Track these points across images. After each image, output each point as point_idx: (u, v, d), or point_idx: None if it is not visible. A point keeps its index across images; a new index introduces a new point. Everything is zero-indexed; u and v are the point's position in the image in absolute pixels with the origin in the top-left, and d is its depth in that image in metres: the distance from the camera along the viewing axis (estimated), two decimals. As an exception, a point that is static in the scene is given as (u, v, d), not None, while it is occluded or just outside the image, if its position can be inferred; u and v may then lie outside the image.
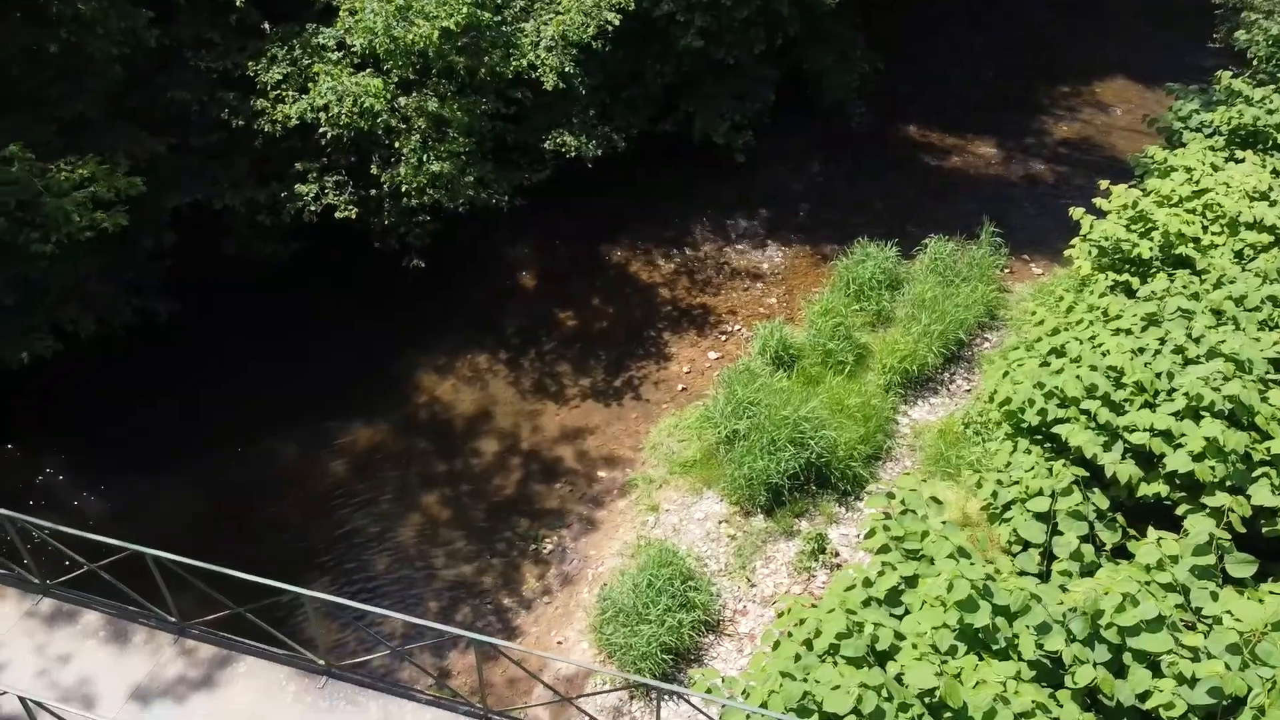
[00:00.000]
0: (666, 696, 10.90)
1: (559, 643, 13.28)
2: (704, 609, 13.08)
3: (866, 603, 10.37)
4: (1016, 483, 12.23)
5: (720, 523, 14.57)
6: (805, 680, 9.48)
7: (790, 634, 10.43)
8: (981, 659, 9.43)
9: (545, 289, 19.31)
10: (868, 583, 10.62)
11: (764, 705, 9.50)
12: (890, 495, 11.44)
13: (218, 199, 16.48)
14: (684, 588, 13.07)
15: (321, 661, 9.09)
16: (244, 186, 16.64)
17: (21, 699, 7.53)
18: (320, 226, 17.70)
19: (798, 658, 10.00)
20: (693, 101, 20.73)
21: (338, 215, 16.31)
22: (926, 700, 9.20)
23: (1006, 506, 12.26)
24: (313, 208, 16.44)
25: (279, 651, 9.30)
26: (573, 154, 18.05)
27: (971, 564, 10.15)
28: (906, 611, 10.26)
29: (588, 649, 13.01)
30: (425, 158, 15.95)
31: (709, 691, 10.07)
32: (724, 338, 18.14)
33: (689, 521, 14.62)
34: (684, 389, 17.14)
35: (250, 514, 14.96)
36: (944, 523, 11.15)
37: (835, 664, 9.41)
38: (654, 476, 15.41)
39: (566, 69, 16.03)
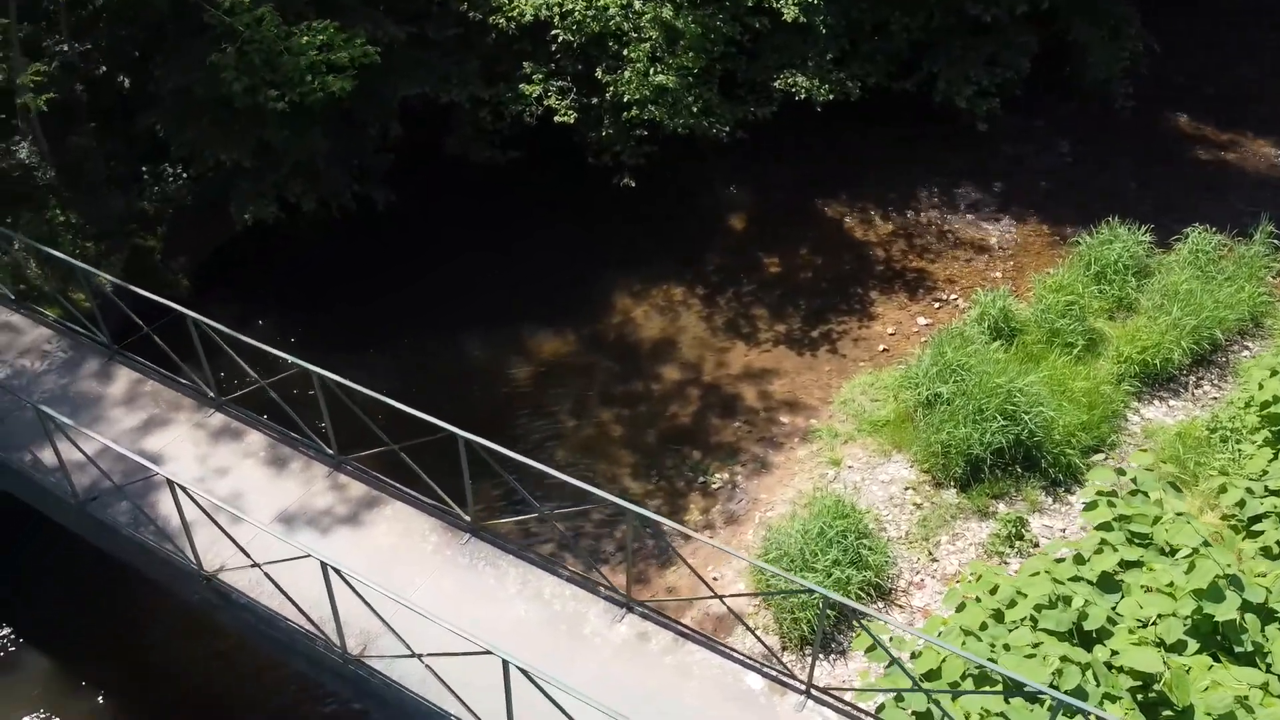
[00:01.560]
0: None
1: (714, 579, 12.42)
2: (876, 572, 11.86)
3: (1075, 580, 8.92)
4: (1276, 493, 10.37)
5: (906, 489, 13.26)
6: (992, 647, 8.20)
7: (979, 599, 9.15)
8: (1218, 661, 7.83)
9: (753, 232, 18.44)
10: (1080, 559, 9.17)
11: (937, 670, 8.30)
12: (1120, 471, 9.87)
13: (445, 92, 16.58)
14: (858, 544, 11.90)
15: (468, 518, 8.64)
16: (473, 83, 16.66)
17: (172, 484, 7.40)
18: (537, 138, 17.60)
19: (984, 626, 8.74)
20: (938, 61, 19.19)
21: (557, 119, 16.05)
22: (1140, 696, 7.71)
23: (1257, 519, 10.43)
24: (534, 109, 16.23)
25: (427, 501, 8.93)
26: (802, 95, 17.12)
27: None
28: (1122, 597, 8.75)
29: (744, 590, 12.10)
30: (652, 69, 15.42)
31: (872, 648, 8.93)
32: (937, 305, 16.68)
33: (872, 482, 13.40)
34: (885, 350, 15.85)
35: (428, 401, 14.90)
36: (1179, 514, 9.51)
37: (1033, 630, 8.08)
38: (840, 431, 14.26)
39: (812, -1, 15.06)
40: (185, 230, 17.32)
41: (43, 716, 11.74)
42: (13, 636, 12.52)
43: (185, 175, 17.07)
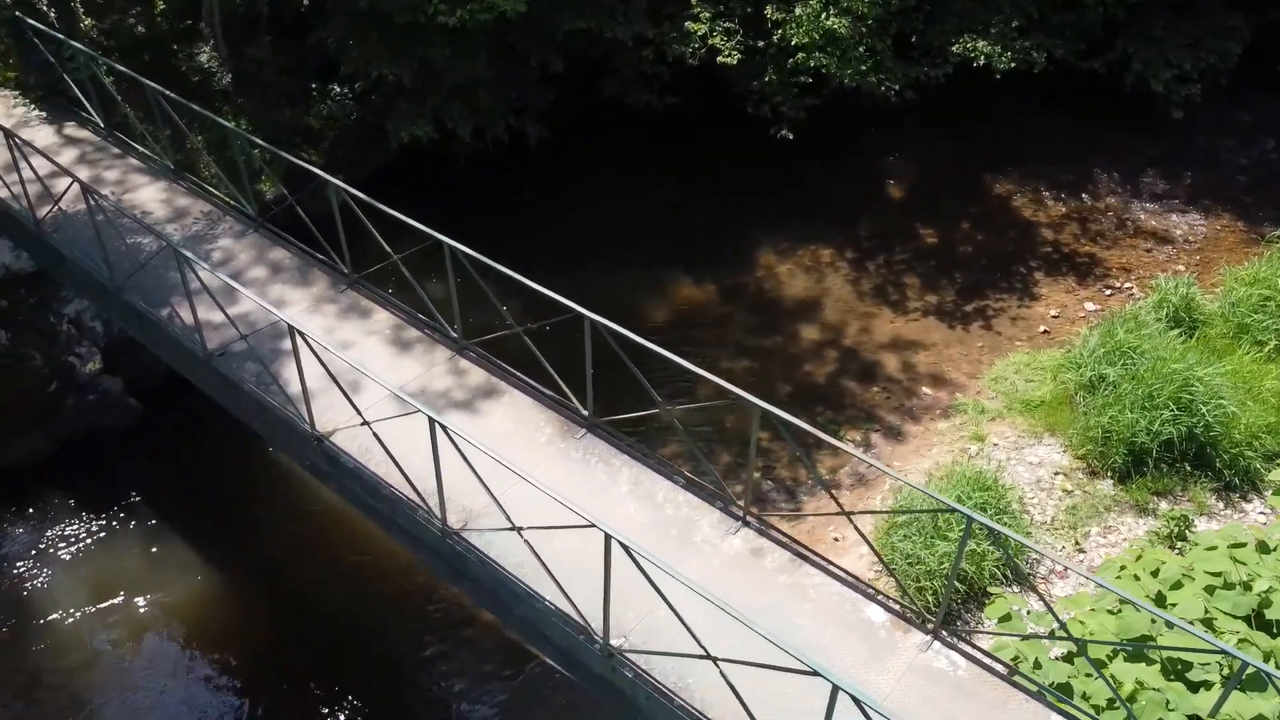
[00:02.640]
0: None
1: (835, 539, 11.67)
2: (1015, 553, 10.86)
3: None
4: None
5: (1056, 474, 12.15)
6: (1153, 622, 7.23)
7: (1137, 578, 8.14)
8: None
9: (911, 202, 17.49)
10: (1265, 548, 8.03)
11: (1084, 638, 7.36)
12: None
13: (610, 29, 16.27)
14: (997, 520, 10.92)
15: (586, 413, 8.23)
16: (638, 21, 16.29)
17: (293, 330, 7.25)
18: (694, 85, 17.14)
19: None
20: (1135, 41, 17.70)
21: (720, 60, 15.53)
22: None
23: None
24: (698, 49, 15.76)
25: (545, 393, 8.56)
26: (981, 61, 16.06)
27: None
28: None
29: (867, 554, 11.29)
30: (825, 12, 14.71)
31: (1006, 618, 8.03)
32: (1108, 293, 15.35)
33: (1019, 463, 12.34)
34: (1045, 331, 14.67)
35: (555, 336, 14.69)
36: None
37: (1205, 609, 7.07)
38: (988, 407, 13.23)
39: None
40: (344, 149, 17.61)
41: (148, 569, 12.12)
42: (137, 491, 13.00)
43: (350, 95, 17.38)
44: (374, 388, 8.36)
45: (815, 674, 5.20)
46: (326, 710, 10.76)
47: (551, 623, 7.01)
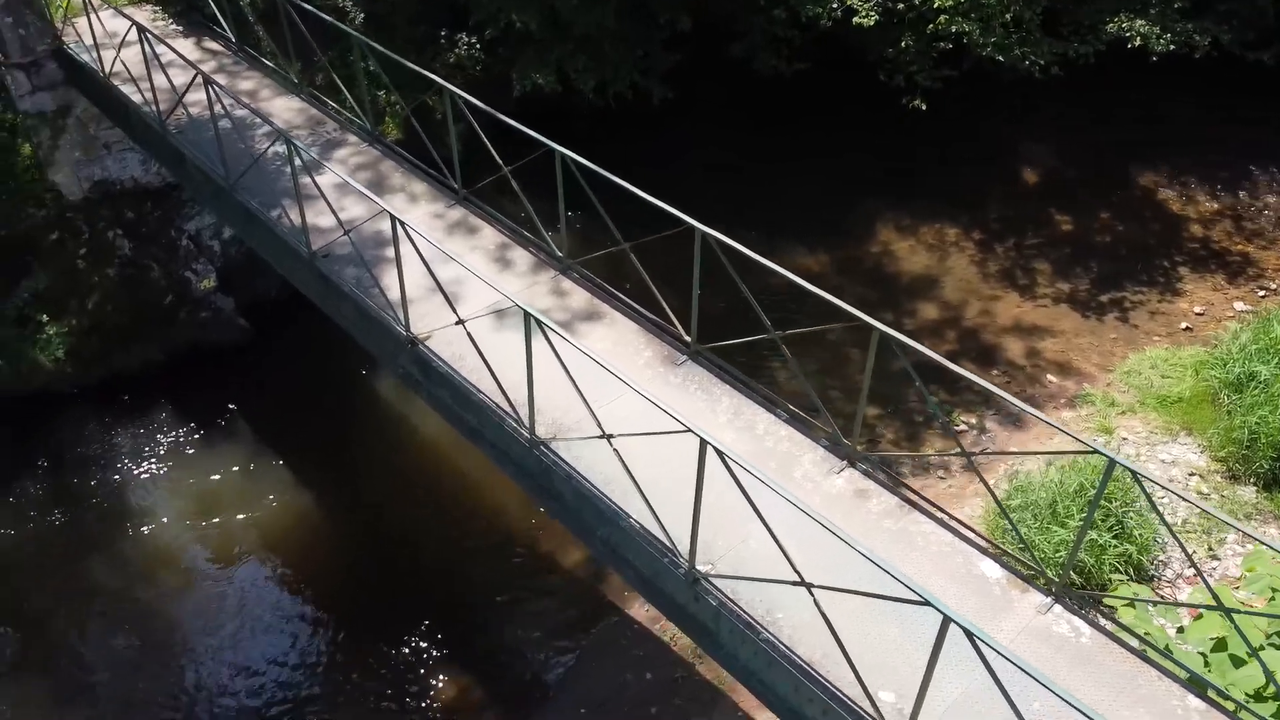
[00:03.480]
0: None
1: (948, 486, 11.00)
2: (1140, 549, 9.97)
3: None
4: None
5: (1191, 474, 11.17)
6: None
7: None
8: None
9: (1045, 187, 16.50)
10: None
11: (1221, 641, 6.56)
12: None
13: (743, -16, 15.82)
14: (1123, 512, 10.06)
15: (689, 338, 7.78)
16: (772, -22, 15.78)
17: (394, 219, 7.04)
18: (825, 53, 16.52)
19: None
20: (1314, 33, 16.33)
21: (856, 20, 14.86)
22: None
23: None
24: (835, 7, 15.14)
25: (648, 317, 8.17)
26: (1137, 42, 14.97)
27: None
28: None
29: (979, 514, 10.59)
30: (972, -26, 13.93)
31: (1129, 605, 7.25)
32: (1261, 294, 14.16)
33: (1150, 460, 11.40)
34: (1187, 328, 13.59)
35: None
36: None
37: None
38: (1119, 401, 12.28)
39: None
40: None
41: (245, 485, 12.23)
42: (240, 409, 13.18)
43: (477, 44, 17.35)
44: (472, 299, 8.13)
45: (925, 603, 4.65)
46: (402, 645, 10.60)
47: (635, 544, 6.60)
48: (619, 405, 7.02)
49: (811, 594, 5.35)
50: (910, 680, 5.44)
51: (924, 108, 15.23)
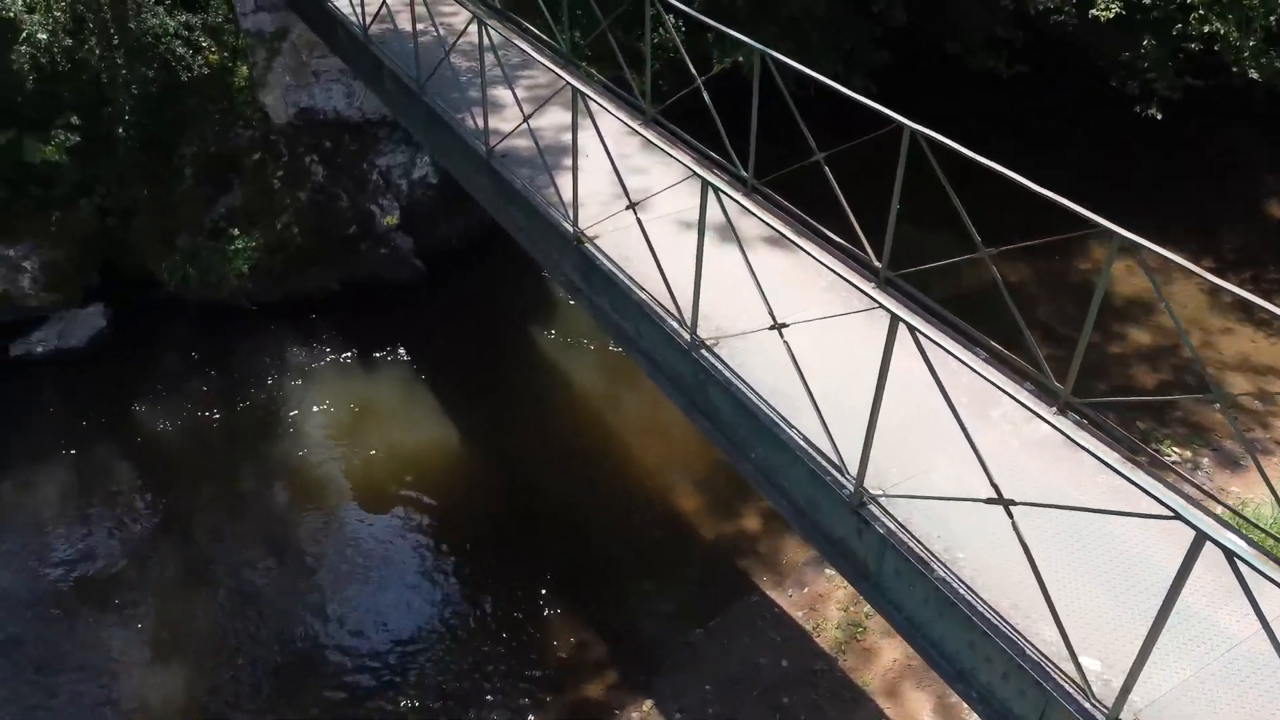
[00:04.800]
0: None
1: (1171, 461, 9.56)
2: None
3: None
4: None
5: None
6: None
7: None
8: None
9: (1293, 221, 14.65)
10: None
11: None
12: None
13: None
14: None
15: (880, 264, 6.99)
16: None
17: (576, 94, 6.56)
18: (1049, 54, 15.36)
19: None
20: None
21: (1093, 13, 13.66)
22: None
23: None
24: (1069, 5, 14.01)
25: (835, 242, 7.37)
26: None
27: None
28: None
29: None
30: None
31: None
32: None
33: None
34: None
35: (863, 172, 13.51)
36: None
37: None
38: (1369, 453, 10.47)
39: None
40: (665, 81, 17.38)
41: (401, 421, 12.10)
42: (405, 347, 13.16)
43: (681, 24, 17.11)
44: (659, 208, 7.60)
45: (1175, 516, 3.65)
46: (528, 598, 10.04)
47: (793, 469, 5.80)
48: (803, 330, 6.31)
49: (1010, 514, 4.40)
50: (1121, 650, 4.41)
51: (1159, 118, 13.82)
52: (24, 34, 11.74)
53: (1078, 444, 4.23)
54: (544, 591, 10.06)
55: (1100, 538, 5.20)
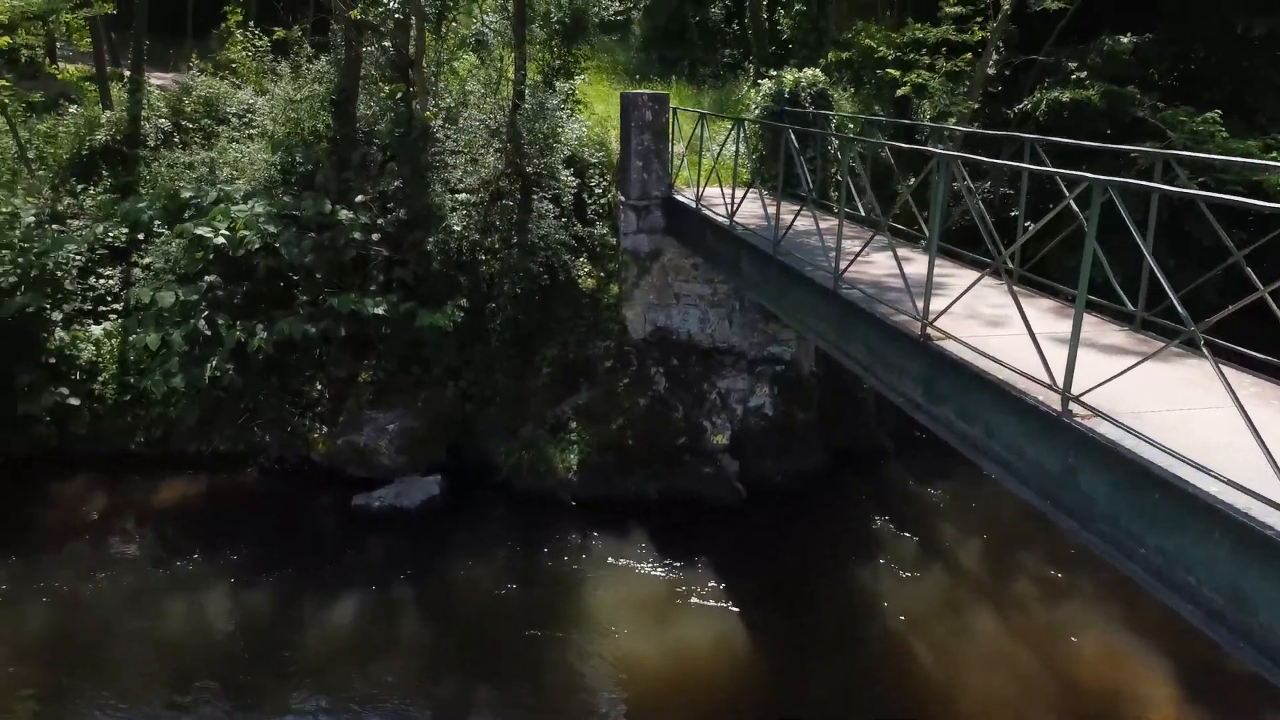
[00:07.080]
0: None
1: None
2: None
3: None
4: None
5: None
6: None
7: None
8: None
9: None
10: None
11: None
12: None
13: None
14: None
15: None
16: None
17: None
18: None
19: None
20: None
21: None
22: None
23: None
24: None
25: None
26: None
27: None
28: None
29: None
30: None
31: None
32: None
33: None
34: None
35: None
36: None
37: None
38: None
39: None
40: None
41: (720, 630, 10.86)
42: (719, 575, 12.16)
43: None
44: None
45: None
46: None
47: (1199, 550, 4.16)
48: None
49: None
50: None
51: None
52: (444, 223, 13.65)
53: None
54: None
55: None
